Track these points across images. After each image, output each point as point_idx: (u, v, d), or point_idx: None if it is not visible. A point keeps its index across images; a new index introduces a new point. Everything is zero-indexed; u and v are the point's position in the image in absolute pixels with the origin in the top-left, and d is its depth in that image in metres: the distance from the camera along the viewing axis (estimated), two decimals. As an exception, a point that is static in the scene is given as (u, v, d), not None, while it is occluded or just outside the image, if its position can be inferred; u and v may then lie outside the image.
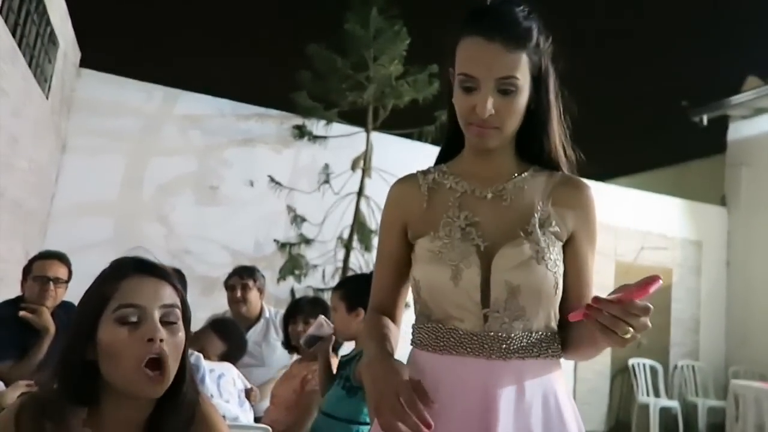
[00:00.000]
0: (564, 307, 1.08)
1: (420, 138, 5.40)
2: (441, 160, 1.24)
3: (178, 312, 1.06)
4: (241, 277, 3.16)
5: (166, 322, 1.03)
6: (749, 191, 6.90)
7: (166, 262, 3.15)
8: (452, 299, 1.04)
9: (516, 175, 1.14)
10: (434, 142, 5.45)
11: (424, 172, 1.20)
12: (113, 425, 1.01)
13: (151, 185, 5.04)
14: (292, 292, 4.95)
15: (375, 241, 5.19)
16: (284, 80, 5.23)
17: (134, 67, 5.06)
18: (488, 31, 1.02)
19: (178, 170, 5.15)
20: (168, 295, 1.06)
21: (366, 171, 5.20)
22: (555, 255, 1.07)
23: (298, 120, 5.32)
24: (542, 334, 1.06)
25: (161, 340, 0.99)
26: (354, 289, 2.19)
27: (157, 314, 1.02)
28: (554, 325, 1.08)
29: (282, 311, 2.88)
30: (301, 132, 5.26)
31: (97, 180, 4.79)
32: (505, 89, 1.03)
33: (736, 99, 6.64)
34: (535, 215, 1.09)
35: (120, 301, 1.01)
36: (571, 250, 1.11)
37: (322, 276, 5.15)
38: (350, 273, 5.09)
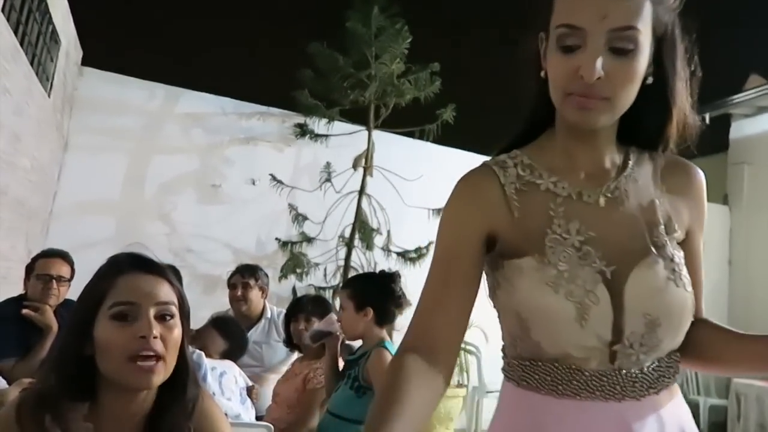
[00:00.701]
0: None
1: (422, 136, 5.40)
2: (514, 146, 0.96)
3: (174, 308, 1.06)
4: (243, 276, 3.15)
5: (161, 319, 1.03)
6: (751, 190, 6.89)
7: (168, 260, 3.15)
8: (577, 341, 0.83)
9: (620, 165, 0.92)
10: (436, 141, 5.45)
11: (500, 165, 0.92)
12: (114, 420, 1.01)
13: (153, 184, 5.04)
14: (294, 290, 4.96)
15: (377, 239, 5.20)
16: (286, 79, 5.23)
17: (136, 65, 5.07)
18: None
19: (180, 169, 5.16)
20: (164, 292, 1.06)
21: (367, 169, 5.20)
22: (685, 269, 0.88)
23: (299, 118, 5.32)
24: (669, 357, 0.88)
25: (155, 337, 1.00)
26: (363, 288, 2.19)
27: (152, 311, 1.02)
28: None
29: (284, 310, 2.89)
30: (302, 130, 5.26)
31: (99, 178, 4.80)
32: (621, 47, 0.79)
33: (738, 97, 6.63)
34: (661, 220, 0.89)
35: (115, 298, 1.02)
36: (687, 249, 0.91)
37: (323, 274, 5.15)
38: (352, 272, 5.09)
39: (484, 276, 0.92)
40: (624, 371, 0.84)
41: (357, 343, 2.30)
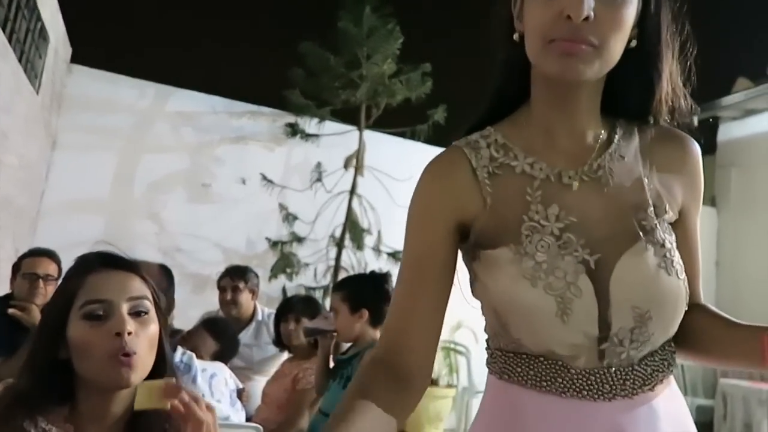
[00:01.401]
0: None
1: (413, 137, 5.41)
2: (485, 122, 0.88)
3: (148, 303, 1.04)
4: (232, 279, 3.10)
5: (135, 315, 1.01)
6: (739, 192, 6.96)
7: (158, 260, 3.14)
8: (560, 338, 0.77)
9: (604, 140, 0.84)
10: (427, 141, 5.45)
11: (472, 146, 0.85)
12: (94, 420, 1.00)
13: (142, 183, 5.01)
14: (284, 290, 4.95)
15: (367, 239, 5.20)
16: (277, 78, 5.22)
17: (126, 63, 5.04)
18: None
19: (169, 168, 5.13)
20: (136, 287, 1.03)
21: (358, 169, 5.20)
22: (677, 254, 0.81)
23: (290, 118, 5.31)
24: (664, 349, 0.82)
25: (129, 333, 0.97)
26: (357, 289, 2.18)
27: (125, 307, 1.00)
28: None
29: (273, 310, 2.88)
30: (293, 130, 5.25)
31: (87, 177, 4.76)
32: None
33: (726, 101, 6.69)
34: (650, 201, 0.81)
35: (86, 297, 0.99)
36: (681, 229, 0.85)
37: (314, 274, 5.15)
38: (342, 272, 5.09)
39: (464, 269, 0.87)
40: (614, 369, 0.78)
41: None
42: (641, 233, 0.78)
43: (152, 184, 5.04)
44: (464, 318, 5.84)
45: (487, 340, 0.89)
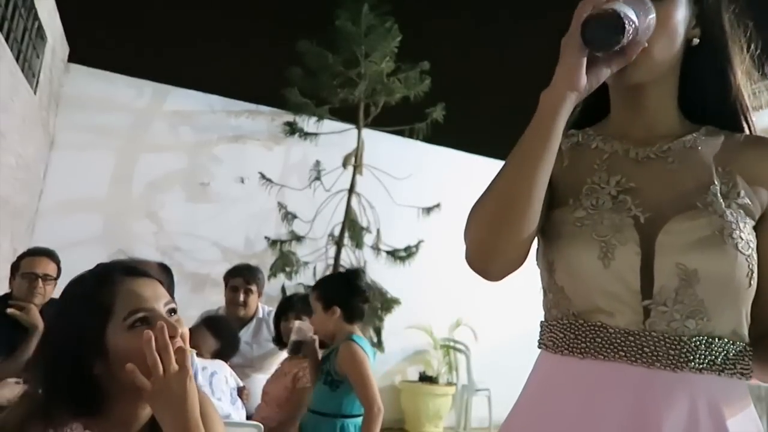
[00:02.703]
0: (756, 313, 0.79)
1: (411, 135, 5.41)
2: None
3: (174, 304, 1.07)
4: (246, 281, 3.02)
5: (171, 315, 1.04)
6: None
7: (156, 259, 3.13)
8: (600, 285, 0.78)
9: (679, 134, 0.87)
10: (426, 140, 5.46)
11: (565, 134, 0.91)
12: (120, 424, 1.00)
13: (140, 182, 5.01)
14: (283, 289, 4.95)
15: (366, 238, 5.20)
16: (275, 77, 5.20)
17: (124, 62, 5.02)
18: None
19: (167, 167, 5.12)
20: (162, 291, 1.06)
21: (357, 168, 5.20)
22: (747, 235, 0.77)
23: (289, 117, 5.30)
24: (728, 342, 0.76)
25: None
26: (328, 288, 2.25)
27: (164, 311, 1.02)
28: (745, 332, 0.78)
29: (273, 308, 2.87)
30: (292, 129, 5.25)
31: (85, 176, 4.75)
32: None
33: (755, 88, 6.68)
34: (715, 182, 0.81)
35: (129, 308, 0.99)
36: (766, 233, 0.80)
37: (313, 273, 5.14)
38: (341, 270, 5.09)
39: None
40: (656, 333, 0.75)
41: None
42: (699, 204, 0.78)
43: (150, 183, 5.03)
44: (463, 316, 5.85)
45: (540, 322, 0.90)
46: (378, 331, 5.05)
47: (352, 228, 5.10)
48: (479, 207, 0.80)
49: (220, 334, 2.40)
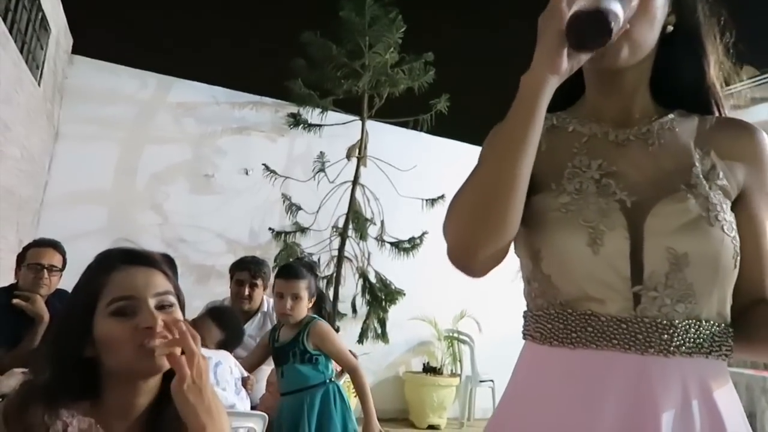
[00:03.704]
0: (735, 291, 0.80)
1: (415, 127, 5.39)
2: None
3: (173, 297, 1.05)
4: (253, 275, 3.01)
5: (160, 308, 1.02)
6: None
7: (161, 250, 3.13)
8: (590, 272, 0.76)
9: (655, 117, 0.87)
10: (430, 131, 5.44)
11: None
12: (118, 413, 1.01)
13: (144, 173, 5.02)
14: (287, 280, 4.95)
15: (370, 229, 5.20)
16: (279, 68, 5.19)
17: (127, 54, 5.01)
18: None
19: (172, 158, 5.13)
20: (160, 282, 1.05)
21: (361, 159, 5.19)
22: (729, 216, 0.79)
23: (293, 108, 5.29)
24: (713, 324, 0.77)
25: (160, 326, 0.99)
26: (313, 278, 2.44)
27: (152, 303, 1.01)
28: (728, 312, 0.80)
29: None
30: (296, 120, 5.24)
31: (90, 168, 4.76)
32: None
33: (731, 89, 6.65)
34: (696, 163, 0.81)
35: (113, 294, 1.00)
36: (744, 213, 0.82)
37: (317, 265, 5.15)
38: (345, 262, 5.10)
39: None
40: (648, 319, 0.75)
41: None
42: (683, 186, 0.79)
43: (155, 175, 5.04)
44: (467, 308, 5.85)
45: (523, 312, 0.89)
46: (383, 323, 5.06)
47: (356, 219, 5.10)
48: (460, 200, 0.77)
49: (225, 325, 2.41)
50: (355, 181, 5.18)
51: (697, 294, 0.76)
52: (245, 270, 3.04)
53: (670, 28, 0.85)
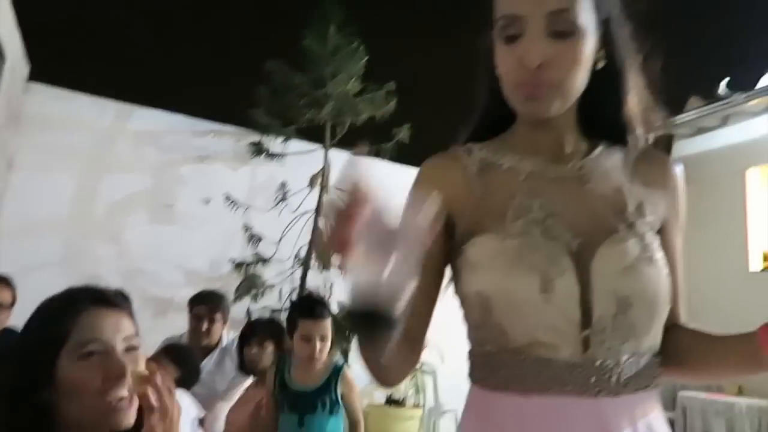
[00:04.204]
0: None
1: (377, 155, 5.43)
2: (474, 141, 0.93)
3: (138, 340, 1.04)
4: (210, 309, 2.95)
5: (128, 351, 1.01)
6: (690, 208, 7.18)
7: (117, 283, 3.05)
8: (542, 319, 0.77)
9: (585, 151, 0.89)
10: (392, 159, 5.49)
11: (466, 150, 0.91)
12: None
13: (103, 203, 4.91)
14: (248, 312, 4.88)
15: (333, 258, 5.17)
16: (241, 96, 5.19)
17: (86, 81, 4.94)
18: None
19: (131, 188, 5.04)
20: (127, 325, 1.03)
21: (324, 188, 5.20)
22: (660, 251, 0.82)
23: (255, 137, 5.27)
24: (649, 356, 0.81)
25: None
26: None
27: (120, 347, 0.99)
28: (659, 343, 0.84)
29: (238, 333, 2.83)
30: (258, 149, 5.22)
31: (46, 198, 4.64)
32: (562, 30, 0.78)
33: (679, 118, 6.92)
34: (628, 202, 0.84)
35: (81, 337, 0.97)
36: (663, 241, 0.86)
37: (279, 296, 5.10)
38: (307, 292, 5.06)
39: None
40: (599, 362, 0.77)
41: None
42: (622, 226, 0.82)
43: (113, 204, 4.94)
44: (431, 337, 5.85)
45: (468, 352, 0.89)
46: (345, 354, 5.02)
47: (318, 249, 5.08)
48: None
49: (181, 362, 2.36)
50: (318, 210, 5.18)
51: (638, 332, 0.79)
52: (203, 304, 2.99)
53: (601, 63, 0.85)
